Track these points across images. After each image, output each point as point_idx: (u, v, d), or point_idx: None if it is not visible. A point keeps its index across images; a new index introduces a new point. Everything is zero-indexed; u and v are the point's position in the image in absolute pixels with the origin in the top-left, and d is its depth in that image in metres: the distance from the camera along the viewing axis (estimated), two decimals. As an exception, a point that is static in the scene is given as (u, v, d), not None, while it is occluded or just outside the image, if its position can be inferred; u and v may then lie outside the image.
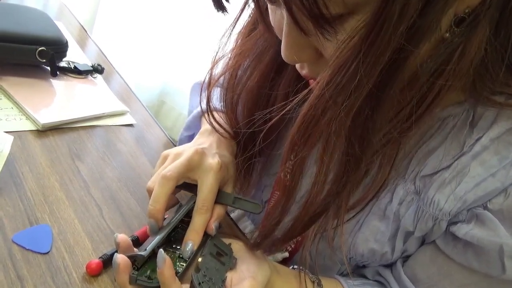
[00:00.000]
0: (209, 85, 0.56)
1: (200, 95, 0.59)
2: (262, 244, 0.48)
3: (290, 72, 0.52)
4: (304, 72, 0.43)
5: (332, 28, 0.33)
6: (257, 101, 0.55)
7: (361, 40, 0.32)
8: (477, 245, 0.44)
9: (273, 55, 0.51)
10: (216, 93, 0.60)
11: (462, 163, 0.44)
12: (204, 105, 0.60)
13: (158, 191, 0.48)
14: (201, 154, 0.51)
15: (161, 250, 0.41)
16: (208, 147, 0.55)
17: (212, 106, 0.58)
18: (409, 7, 0.29)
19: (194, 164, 0.50)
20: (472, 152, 0.44)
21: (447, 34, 0.35)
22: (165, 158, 0.54)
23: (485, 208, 0.44)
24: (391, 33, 0.30)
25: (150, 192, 0.50)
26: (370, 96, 0.34)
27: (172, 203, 0.53)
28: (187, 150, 0.52)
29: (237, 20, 0.50)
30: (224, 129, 0.58)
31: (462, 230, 0.45)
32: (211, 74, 0.56)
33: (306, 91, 0.38)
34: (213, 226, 0.49)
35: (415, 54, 0.33)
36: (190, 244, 0.46)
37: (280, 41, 0.40)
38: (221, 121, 0.59)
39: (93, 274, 0.46)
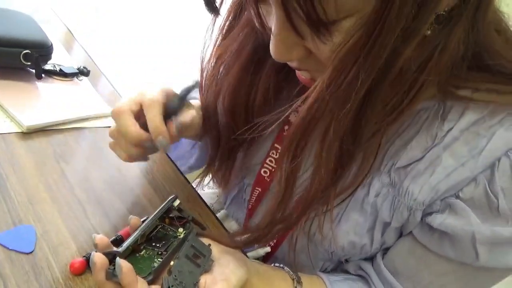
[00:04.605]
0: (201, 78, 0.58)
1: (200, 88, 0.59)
2: (253, 243, 0.48)
3: (271, 67, 0.53)
4: (294, 65, 0.44)
5: (328, 32, 0.34)
6: (237, 95, 0.55)
7: (360, 45, 0.33)
8: (451, 234, 0.46)
9: (252, 50, 0.52)
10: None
11: (434, 154, 0.46)
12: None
13: (123, 123, 0.49)
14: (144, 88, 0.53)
15: (117, 259, 0.40)
16: None
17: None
18: (404, 11, 0.31)
19: (138, 91, 0.52)
20: (443, 143, 0.45)
21: (429, 32, 0.37)
22: None
23: (457, 197, 0.45)
24: (389, 38, 0.32)
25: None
26: (367, 95, 0.36)
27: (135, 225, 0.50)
28: None
29: (216, 18, 0.50)
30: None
31: (437, 220, 0.46)
32: (201, 68, 0.57)
33: (300, 100, 0.39)
34: (173, 127, 0.51)
35: (405, 52, 0.34)
36: (160, 138, 0.49)
37: (261, 35, 0.41)
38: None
39: (77, 273, 0.47)
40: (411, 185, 0.47)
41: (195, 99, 0.64)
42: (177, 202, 0.51)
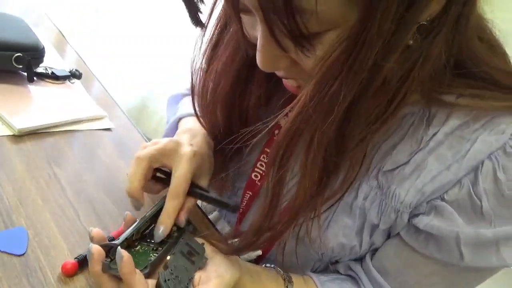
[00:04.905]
0: (192, 91, 0.59)
1: (192, 98, 0.60)
2: (242, 251, 0.49)
3: (261, 74, 0.54)
4: (280, 74, 0.45)
5: (311, 45, 0.35)
6: (232, 104, 0.56)
7: (342, 60, 0.34)
8: (437, 236, 0.47)
9: (243, 59, 0.52)
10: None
11: (420, 158, 0.47)
12: (186, 110, 0.62)
13: (132, 171, 0.50)
14: (176, 142, 0.53)
15: (118, 248, 0.41)
16: (184, 140, 0.56)
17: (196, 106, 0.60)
18: (385, 26, 0.32)
19: (168, 150, 0.52)
20: (428, 147, 0.47)
21: (411, 41, 0.38)
22: (144, 148, 0.55)
23: (443, 199, 0.47)
24: (370, 54, 0.33)
25: None
26: (350, 107, 0.37)
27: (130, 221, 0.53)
28: (163, 140, 0.54)
29: (205, 29, 0.51)
30: (205, 128, 0.60)
31: (423, 221, 0.47)
32: (192, 82, 0.58)
33: (289, 107, 0.40)
34: (182, 218, 0.50)
35: (387, 65, 0.35)
36: (161, 228, 0.48)
37: (250, 44, 0.42)
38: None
39: (69, 274, 0.47)
40: (397, 188, 0.48)
41: (190, 115, 0.65)
42: None
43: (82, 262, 0.48)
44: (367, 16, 0.31)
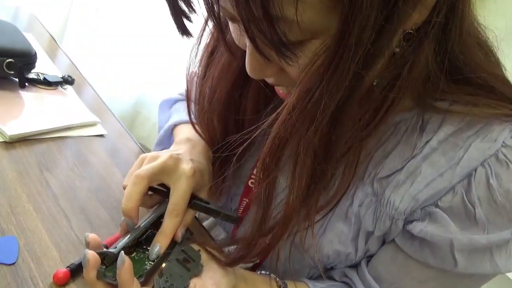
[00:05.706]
0: (188, 99, 0.58)
1: (188, 106, 0.60)
2: (238, 262, 0.49)
3: (257, 81, 0.54)
4: (270, 81, 0.45)
5: (293, 54, 0.35)
6: (229, 111, 0.56)
7: (323, 69, 0.34)
8: (431, 242, 0.47)
9: (238, 66, 0.52)
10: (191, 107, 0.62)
11: (414, 165, 0.47)
12: (181, 116, 0.62)
13: (131, 189, 0.49)
14: (175, 159, 0.52)
15: (121, 252, 0.41)
16: (183, 154, 0.56)
17: (192, 114, 0.60)
18: (363, 37, 0.32)
19: (168, 168, 0.51)
20: (422, 154, 0.47)
21: (397, 49, 0.38)
22: (142, 160, 0.55)
23: (437, 206, 0.47)
24: (350, 63, 0.33)
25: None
26: (334, 115, 0.37)
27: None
28: (163, 154, 0.54)
29: (201, 38, 0.51)
30: (202, 137, 0.60)
31: (417, 228, 0.47)
32: (187, 90, 0.57)
33: (275, 114, 0.40)
34: (179, 233, 0.50)
35: (370, 74, 0.35)
36: (157, 247, 0.48)
37: (242, 52, 0.42)
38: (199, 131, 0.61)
39: (60, 283, 0.46)
40: (392, 195, 0.48)
41: (186, 122, 0.65)
42: None
43: (74, 271, 0.48)
44: (346, 25, 0.32)
